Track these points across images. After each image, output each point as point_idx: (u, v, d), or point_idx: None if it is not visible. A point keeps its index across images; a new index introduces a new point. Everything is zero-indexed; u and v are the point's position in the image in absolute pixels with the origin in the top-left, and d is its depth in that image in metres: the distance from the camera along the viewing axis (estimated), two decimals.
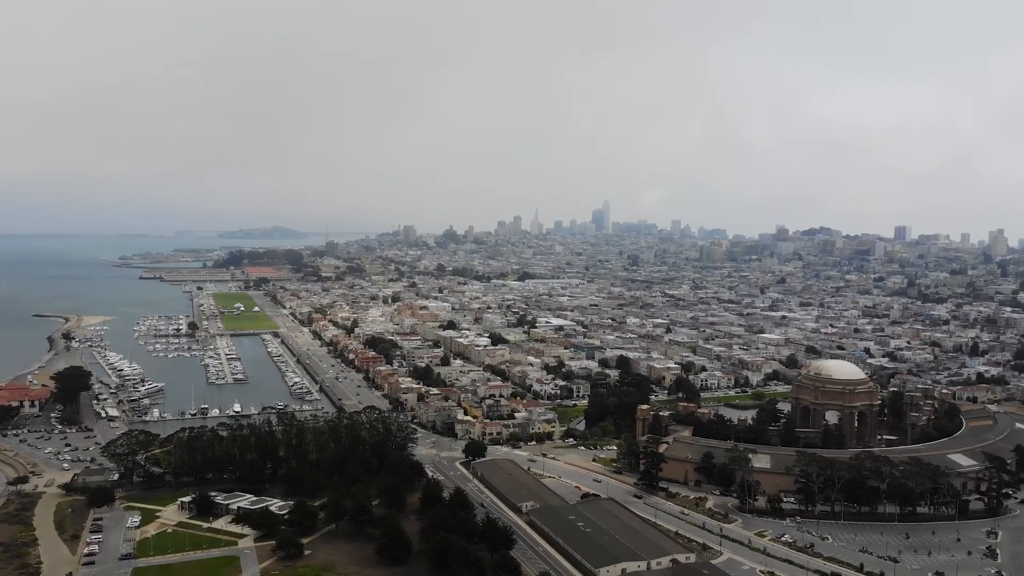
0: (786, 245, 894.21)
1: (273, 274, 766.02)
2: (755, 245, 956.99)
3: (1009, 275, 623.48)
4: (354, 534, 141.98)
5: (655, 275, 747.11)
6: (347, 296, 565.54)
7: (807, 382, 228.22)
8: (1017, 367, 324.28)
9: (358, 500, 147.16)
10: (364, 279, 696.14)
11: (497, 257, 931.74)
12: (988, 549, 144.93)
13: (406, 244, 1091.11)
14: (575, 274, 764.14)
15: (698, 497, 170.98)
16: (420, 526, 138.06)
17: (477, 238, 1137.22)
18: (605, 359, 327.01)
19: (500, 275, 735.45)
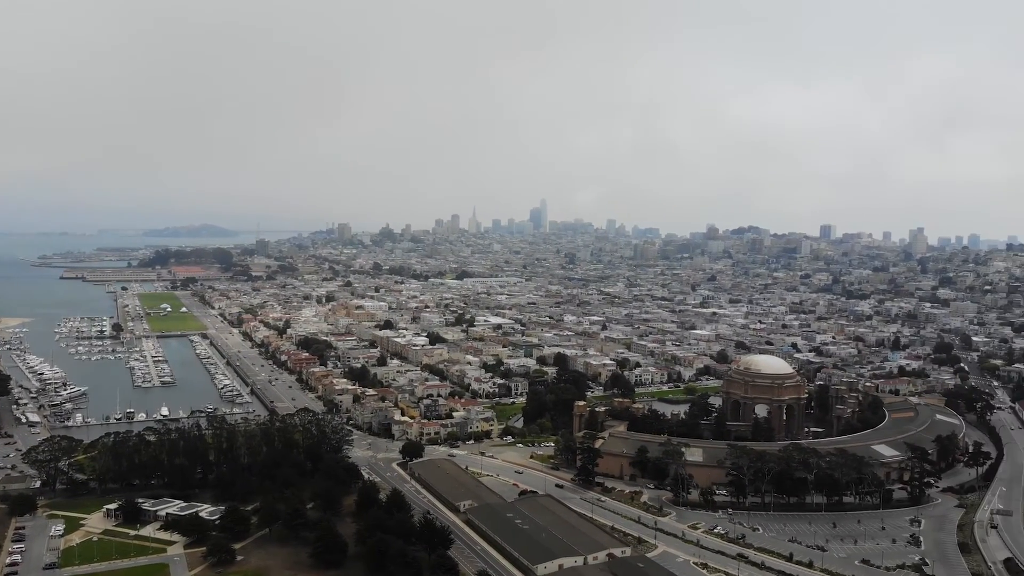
0: (716, 244, 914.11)
1: (201, 273, 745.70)
2: (687, 244, 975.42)
3: (929, 272, 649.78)
4: (288, 538, 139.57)
5: (591, 273, 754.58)
6: (279, 296, 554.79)
7: (737, 377, 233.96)
8: (936, 360, 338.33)
9: (292, 504, 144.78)
10: (297, 278, 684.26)
11: (435, 256, 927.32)
12: (911, 537, 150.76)
13: (341, 242, 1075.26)
14: (513, 272, 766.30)
15: (633, 491, 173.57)
16: (356, 528, 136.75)
17: (414, 236, 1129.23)
18: (543, 357, 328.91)
19: (438, 274, 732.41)
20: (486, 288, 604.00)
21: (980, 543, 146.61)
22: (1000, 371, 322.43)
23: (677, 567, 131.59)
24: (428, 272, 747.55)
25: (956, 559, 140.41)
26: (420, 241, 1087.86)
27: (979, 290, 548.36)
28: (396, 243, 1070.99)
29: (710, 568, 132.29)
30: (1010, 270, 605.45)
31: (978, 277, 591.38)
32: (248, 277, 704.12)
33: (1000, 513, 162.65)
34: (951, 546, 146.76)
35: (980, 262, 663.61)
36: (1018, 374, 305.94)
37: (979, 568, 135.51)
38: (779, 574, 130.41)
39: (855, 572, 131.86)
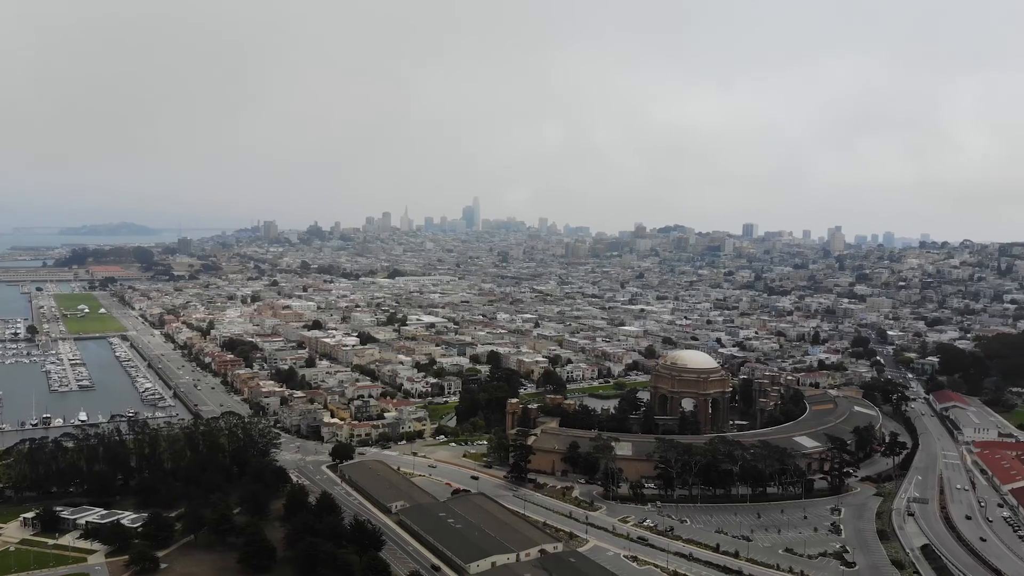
0: (644, 242, 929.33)
1: (121, 273, 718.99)
2: (616, 242, 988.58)
3: (846, 269, 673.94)
4: (214, 544, 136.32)
5: (524, 271, 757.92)
6: (202, 296, 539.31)
7: (664, 371, 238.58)
8: (854, 354, 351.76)
9: (218, 509, 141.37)
10: (221, 278, 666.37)
11: (366, 254, 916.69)
12: (832, 525, 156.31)
13: (267, 240, 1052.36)
14: (446, 271, 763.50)
15: (565, 487, 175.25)
16: (285, 533, 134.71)
17: (344, 234, 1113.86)
18: (476, 355, 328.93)
19: (369, 272, 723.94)
20: (419, 287, 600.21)
21: (898, 530, 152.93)
22: (914, 363, 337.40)
23: (608, 561, 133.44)
24: (359, 271, 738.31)
25: (875, 546, 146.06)
26: (350, 239, 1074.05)
27: (894, 286, 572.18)
28: (325, 241, 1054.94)
29: (640, 561, 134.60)
30: (923, 267, 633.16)
31: (893, 274, 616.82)
32: (170, 277, 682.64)
33: (916, 501, 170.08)
34: (870, 534, 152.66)
35: (894, 259, 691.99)
36: (931, 366, 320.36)
37: (897, 555, 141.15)
38: (706, 565, 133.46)
39: (779, 561, 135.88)
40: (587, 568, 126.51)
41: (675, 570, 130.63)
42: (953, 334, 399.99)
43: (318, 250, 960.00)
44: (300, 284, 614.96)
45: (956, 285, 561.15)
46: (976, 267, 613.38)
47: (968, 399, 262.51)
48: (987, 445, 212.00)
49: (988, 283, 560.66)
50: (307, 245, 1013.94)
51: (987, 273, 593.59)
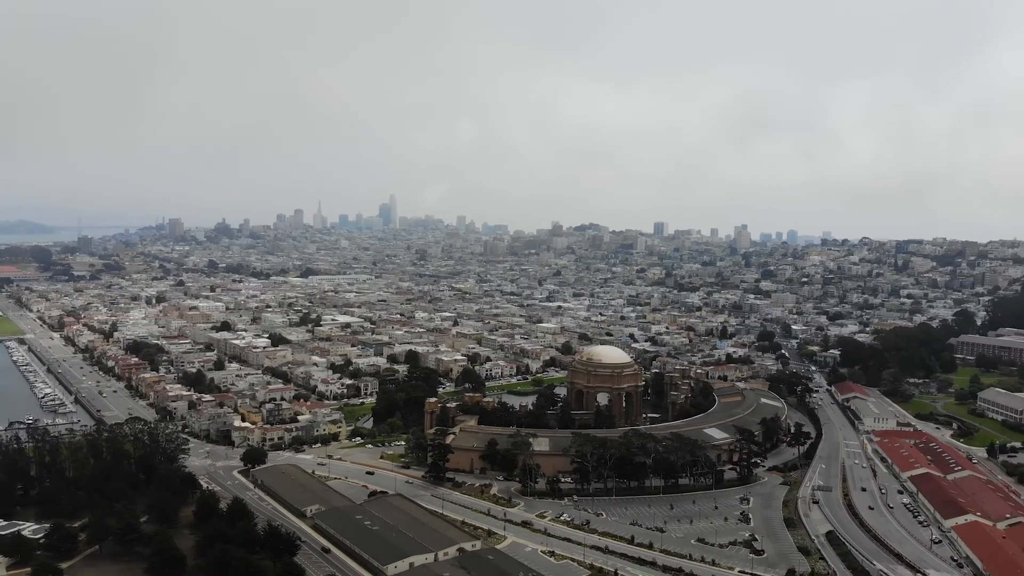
0: (560, 240, 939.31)
1: (17, 273, 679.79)
2: (534, 240, 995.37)
3: (752, 266, 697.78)
4: (121, 554, 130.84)
5: (442, 270, 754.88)
6: (104, 297, 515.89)
7: (580, 367, 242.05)
8: (760, 348, 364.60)
9: (124, 518, 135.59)
10: (124, 278, 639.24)
11: (277, 252, 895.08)
12: (742, 515, 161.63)
13: (172, 239, 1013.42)
14: (362, 270, 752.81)
15: (483, 484, 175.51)
16: (195, 540, 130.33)
17: (254, 232, 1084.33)
18: (394, 355, 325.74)
19: (281, 271, 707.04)
20: (333, 286, 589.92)
21: (804, 518, 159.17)
22: (817, 356, 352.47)
23: (526, 556, 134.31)
24: (269, 270, 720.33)
25: (783, 533, 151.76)
26: (260, 237, 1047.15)
27: (797, 282, 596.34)
28: (234, 239, 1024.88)
29: (557, 555, 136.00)
30: (824, 263, 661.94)
31: (796, 270, 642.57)
32: (70, 277, 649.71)
33: (821, 489, 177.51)
34: (778, 522, 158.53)
35: (798, 256, 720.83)
36: (833, 359, 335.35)
37: (803, 541, 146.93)
38: (622, 557, 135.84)
39: (691, 551, 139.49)
40: (505, 565, 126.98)
41: (592, 563, 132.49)
42: (853, 328, 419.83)
43: (226, 248, 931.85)
44: (208, 284, 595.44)
45: (856, 281, 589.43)
46: (874, 264, 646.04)
47: (868, 390, 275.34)
48: (886, 434, 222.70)
49: (886, 279, 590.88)
50: (215, 243, 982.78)
51: (885, 269, 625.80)
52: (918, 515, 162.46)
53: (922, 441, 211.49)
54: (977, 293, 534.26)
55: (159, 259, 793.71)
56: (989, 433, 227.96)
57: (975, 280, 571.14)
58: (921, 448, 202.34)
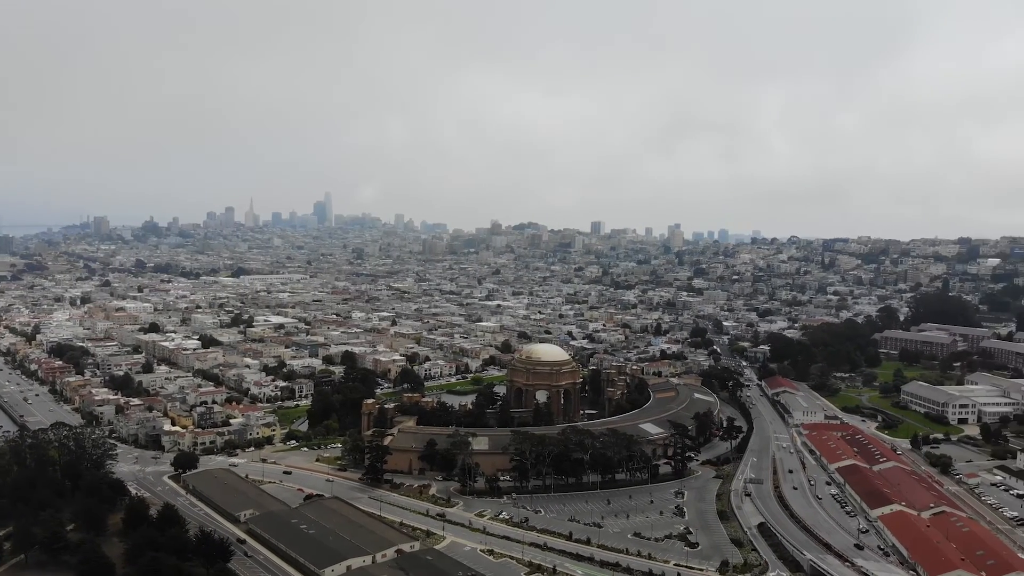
0: (500, 239, 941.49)
1: None
2: (473, 239, 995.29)
3: (685, 264, 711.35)
4: (47, 564, 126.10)
5: (380, 269, 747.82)
6: (26, 298, 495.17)
7: (520, 365, 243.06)
8: (693, 344, 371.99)
9: (49, 526, 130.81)
10: (47, 278, 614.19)
11: (207, 251, 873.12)
12: (677, 508, 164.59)
13: (98, 238, 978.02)
14: (296, 269, 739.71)
15: (422, 485, 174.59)
16: (125, 548, 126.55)
17: (183, 231, 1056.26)
18: (329, 356, 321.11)
19: (211, 271, 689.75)
20: (266, 286, 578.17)
21: (736, 510, 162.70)
22: (747, 352, 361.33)
23: (465, 556, 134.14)
24: (199, 269, 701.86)
25: (716, 526, 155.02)
26: (190, 236, 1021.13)
27: (728, 280, 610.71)
28: (162, 238, 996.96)
29: (496, 554, 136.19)
30: (754, 261, 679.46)
31: (727, 268, 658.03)
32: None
33: (752, 482, 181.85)
34: (711, 514, 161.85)
35: (729, 254, 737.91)
36: (763, 354, 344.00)
37: (736, 533, 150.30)
38: (560, 553, 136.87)
39: (628, 545, 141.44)
40: (444, 565, 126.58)
41: (530, 560, 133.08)
42: (782, 324, 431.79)
43: (154, 247, 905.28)
44: (135, 284, 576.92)
45: (784, 278, 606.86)
46: (802, 261, 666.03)
47: (797, 384, 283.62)
48: (814, 427, 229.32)
49: (813, 276, 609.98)
50: (142, 242, 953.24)
51: (812, 267, 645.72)
52: (846, 505, 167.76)
53: (849, 433, 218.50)
54: (900, 290, 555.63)
55: (84, 259, 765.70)
56: (912, 425, 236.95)
57: (898, 277, 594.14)
58: (848, 440, 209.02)
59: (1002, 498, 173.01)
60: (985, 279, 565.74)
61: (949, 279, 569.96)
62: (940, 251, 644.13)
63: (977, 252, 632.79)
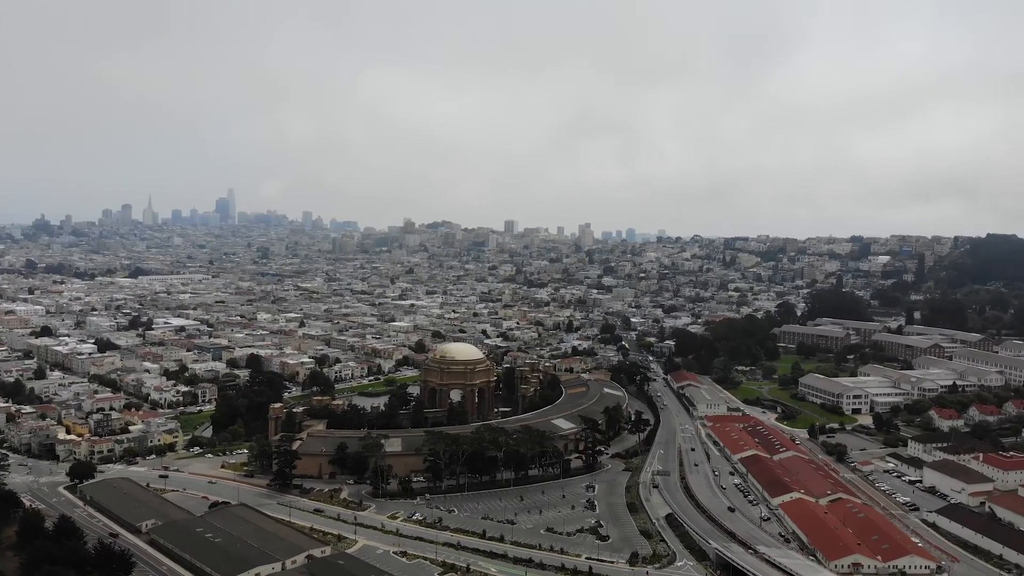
0: (413, 237, 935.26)
1: None
2: (385, 237, 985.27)
3: (595, 262, 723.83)
4: None
5: (287, 268, 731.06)
6: None
7: (434, 365, 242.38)
8: (603, 340, 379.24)
9: None
10: None
11: (103, 251, 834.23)
12: (588, 502, 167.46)
13: None
14: (198, 269, 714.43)
15: (333, 489, 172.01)
16: (19, 562, 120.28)
17: (76, 229, 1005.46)
18: (234, 359, 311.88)
19: (107, 271, 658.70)
20: (166, 287, 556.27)
21: (645, 502, 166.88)
22: (654, 347, 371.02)
23: (377, 559, 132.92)
24: (95, 270, 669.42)
25: (626, 518, 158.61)
26: (84, 234, 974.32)
27: (635, 277, 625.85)
28: (54, 237, 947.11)
29: (409, 555, 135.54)
30: (660, 260, 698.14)
31: (635, 266, 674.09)
32: None
33: (660, 474, 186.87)
34: (621, 507, 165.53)
35: (636, 253, 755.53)
36: (669, 349, 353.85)
37: (645, 525, 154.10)
38: (473, 552, 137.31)
39: (541, 540, 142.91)
40: (355, 569, 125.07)
41: (444, 560, 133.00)
42: (686, 320, 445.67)
43: (46, 247, 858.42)
44: (25, 286, 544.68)
45: (688, 276, 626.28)
46: (705, 259, 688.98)
47: (700, 378, 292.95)
48: (718, 419, 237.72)
49: (715, 273, 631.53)
50: (33, 241, 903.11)
51: (714, 265, 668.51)
52: (748, 494, 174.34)
53: (750, 425, 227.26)
54: (797, 286, 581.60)
55: None
56: (810, 416, 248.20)
57: (795, 274, 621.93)
58: (749, 431, 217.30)
59: (894, 484, 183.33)
60: (876, 275, 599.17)
61: (842, 276, 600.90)
62: (834, 249, 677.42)
63: (869, 250, 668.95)
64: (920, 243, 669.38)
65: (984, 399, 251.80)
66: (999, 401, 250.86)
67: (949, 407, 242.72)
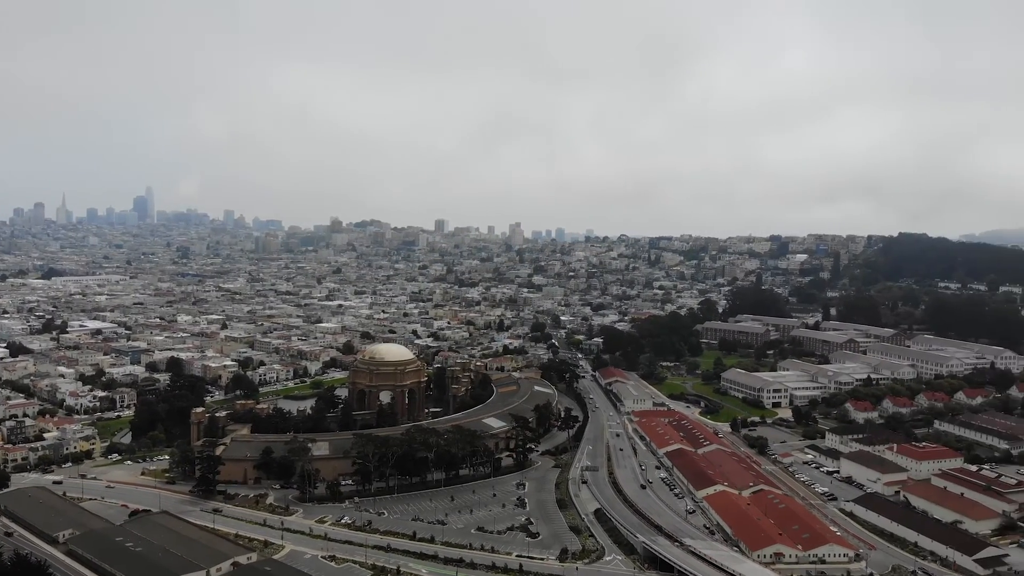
0: (341, 236, 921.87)
1: None
2: (311, 236, 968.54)
3: (525, 261, 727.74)
4: None
5: (208, 268, 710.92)
6: None
7: (362, 366, 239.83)
8: (534, 338, 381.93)
9: None
10: None
11: (14, 251, 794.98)
12: (518, 500, 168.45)
13: None
14: (115, 270, 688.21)
15: (258, 495, 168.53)
16: None
17: None
18: (154, 363, 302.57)
19: (18, 272, 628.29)
20: (81, 288, 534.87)
21: (574, 498, 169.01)
22: (583, 345, 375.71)
23: (305, 564, 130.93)
24: (5, 271, 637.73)
25: (555, 515, 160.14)
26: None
27: (565, 276, 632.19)
28: None
29: (338, 559, 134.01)
30: (588, 259, 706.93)
31: (564, 265, 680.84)
32: None
33: (589, 469, 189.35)
34: (551, 504, 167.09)
35: (565, 252, 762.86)
36: (597, 346, 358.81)
37: (575, 521, 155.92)
38: (404, 554, 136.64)
39: (472, 540, 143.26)
40: (283, 574, 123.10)
41: (374, 563, 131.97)
42: (614, 317, 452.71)
43: None
44: None
45: (615, 274, 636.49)
46: (631, 258, 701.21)
47: (627, 374, 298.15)
48: (644, 414, 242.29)
49: (641, 272, 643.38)
50: None
51: (640, 263, 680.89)
52: (674, 488, 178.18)
53: (675, 419, 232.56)
54: (719, 284, 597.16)
55: None
56: (732, 410, 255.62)
57: (717, 272, 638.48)
58: (675, 426, 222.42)
59: (813, 475, 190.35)
60: (794, 273, 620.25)
61: (762, 274, 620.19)
62: (754, 248, 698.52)
63: (787, 249, 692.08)
64: (835, 242, 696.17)
65: (897, 392, 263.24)
66: (911, 393, 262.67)
67: (864, 400, 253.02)
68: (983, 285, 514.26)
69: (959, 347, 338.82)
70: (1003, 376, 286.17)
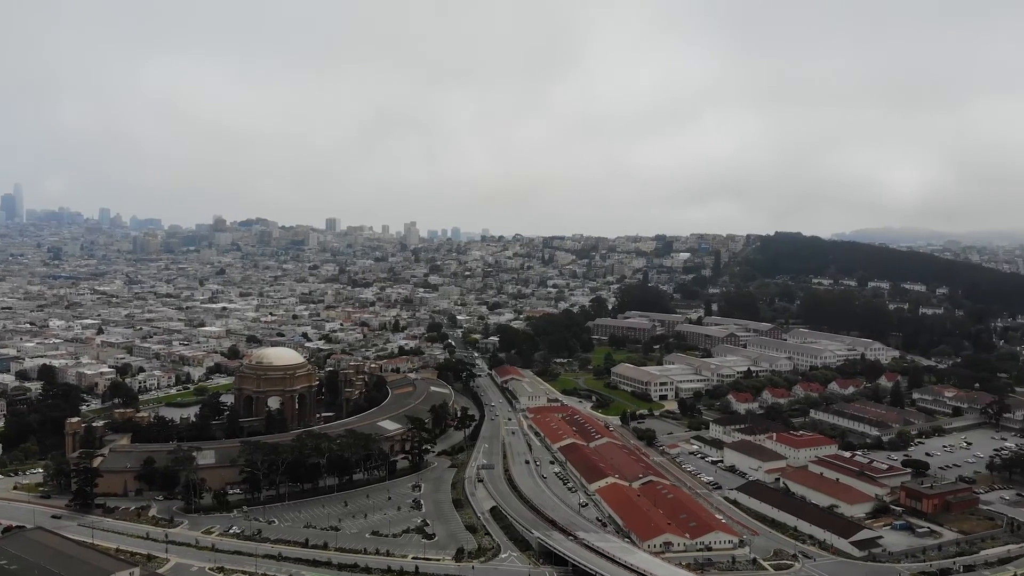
0: (224, 236, 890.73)
1: None
2: (193, 236, 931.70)
3: (421, 261, 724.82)
4: None
5: (82, 270, 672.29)
6: None
7: (249, 371, 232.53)
8: (430, 339, 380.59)
9: None
10: None
11: None
12: (414, 502, 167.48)
13: None
14: None
15: (140, 507, 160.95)
16: None
17: None
18: (24, 371, 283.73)
19: None
20: None
21: (470, 497, 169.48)
22: (479, 343, 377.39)
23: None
24: None
25: (451, 515, 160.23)
26: None
27: (461, 275, 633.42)
28: None
29: (227, 571, 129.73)
30: (484, 258, 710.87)
31: (460, 264, 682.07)
32: None
33: (485, 467, 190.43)
34: (447, 504, 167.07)
35: (461, 251, 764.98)
36: (493, 345, 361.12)
37: (471, 520, 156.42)
38: (296, 562, 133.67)
39: (366, 544, 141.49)
40: None
41: (265, 573, 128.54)
42: (509, 316, 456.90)
43: None
44: None
45: (511, 273, 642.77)
46: (525, 257, 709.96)
47: (523, 372, 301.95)
48: (539, 410, 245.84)
49: (535, 271, 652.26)
50: None
51: (534, 262, 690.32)
52: (568, 482, 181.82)
53: (568, 414, 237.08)
54: (608, 282, 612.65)
55: None
56: (622, 403, 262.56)
57: (606, 270, 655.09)
58: (568, 421, 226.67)
59: (699, 465, 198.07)
60: (678, 271, 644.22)
61: (648, 272, 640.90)
62: (640, 247, 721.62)
63: (671, 247, 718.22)
64: (716, 241, 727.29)
65: (775, 383, 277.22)
66: (789, 384, 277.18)
67: (745, 391, 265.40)
68: (853, 281, 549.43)
69: (832, 340, 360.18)
70: (873, 367, 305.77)
